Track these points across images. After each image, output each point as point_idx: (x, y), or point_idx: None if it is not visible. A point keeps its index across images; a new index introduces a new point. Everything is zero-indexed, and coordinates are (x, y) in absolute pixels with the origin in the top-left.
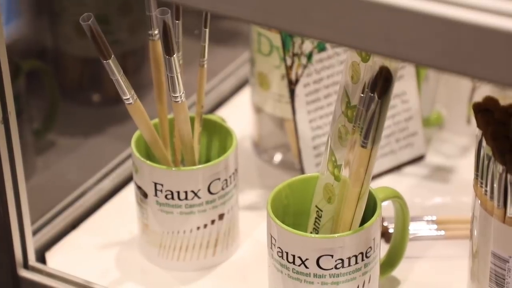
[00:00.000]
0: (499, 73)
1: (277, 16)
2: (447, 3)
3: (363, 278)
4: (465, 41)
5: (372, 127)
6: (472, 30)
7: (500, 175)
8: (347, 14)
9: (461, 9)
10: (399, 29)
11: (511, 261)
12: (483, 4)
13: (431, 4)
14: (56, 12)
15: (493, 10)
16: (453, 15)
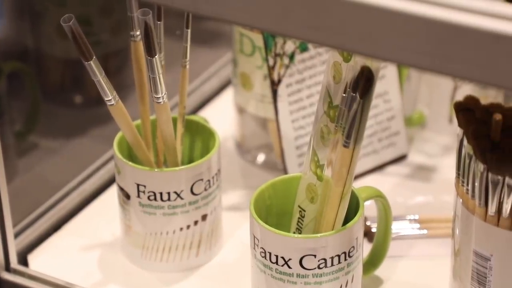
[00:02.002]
0: (480, 72)
1: (259, 16)
2: (428, 3)
3: (346, 277)
4: (446, 41)
5: (354, 127)
6: (453, 30)
7: (481, 174)
8: (329, 14)
9: (442, 9)
10: (381, 29)
11: (492, 259)
12: (463, 4)
13: (412, 4)
14: (38, 13)
15: (474, 10)
16: (434, 15)
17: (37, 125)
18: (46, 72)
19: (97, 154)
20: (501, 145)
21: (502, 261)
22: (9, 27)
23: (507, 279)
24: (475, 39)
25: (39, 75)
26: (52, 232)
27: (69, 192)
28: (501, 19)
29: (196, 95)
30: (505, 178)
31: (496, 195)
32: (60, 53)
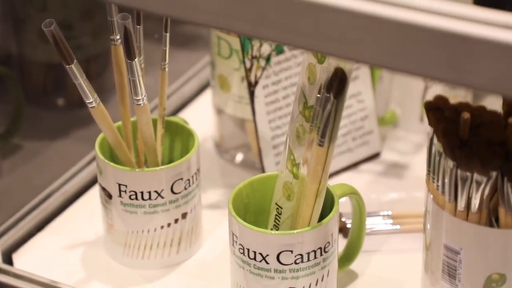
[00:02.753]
0: (449, 73)
1: (236, 20)
2: (398, 7)
3: (322, 272)
4: (416, 43)
5: (328, 126)
6: (422, 32)
7: (451, 170)
8: (303, 18)
9: (412, 12)
10: (353, 32)
11: (462, 253)
12: (432, 7)
13: (383, 7)
14: (20, 19)
15: (442, 12)
16: (404, 18)
17: (21, 127)
18: (29, 76)
19: (79, 155)
20: (469, 143)
21: (471, 255)
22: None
23: (476, 272)
24: (443, 41)
25: (22, 78)
26: (36, 232)
27: (52, 193)
28: (469, 21)
29: (175, 97)
30: (473, 175)
31: (465, 191)
32: (43, 57)
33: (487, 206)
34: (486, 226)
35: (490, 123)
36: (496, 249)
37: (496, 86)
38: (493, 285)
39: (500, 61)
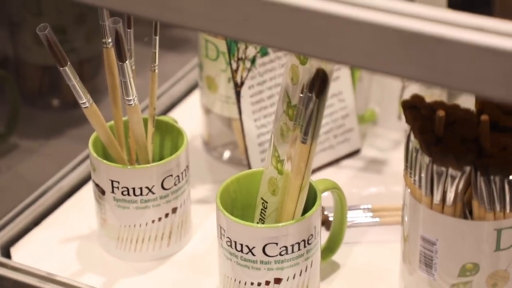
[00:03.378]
0: (424, 73)
1: (222, 24)
2: (376, 10)
3: (306, 263)
4: (394, 45)
5: (311, 125)
6: (399, 35)
7: (427, 165)
8: (286, 21)
9: (389, 15)
10: (334, 34)
11: (438, 244)
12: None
13: (362, 11)
14: (16, 23)
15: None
16: (382, 21)
17: (17, 127)
18: (25, 78)
19: (73, 153)
20: (444, 139)
21: (446, 245)
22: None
23: (451, 261)
24: (419, 43)
25: (18, 80)
26: (33, 227)
27: (48, 189)
28: (443, 24)
29: (165, 97)
30: (448, 170)
31: (440, 185)
32: (38, 60)
33: (461, 199)
34: (460, 218)
35: (463, 121)
36: (470, 240)
37: (469, 86)
38: (467, 273)
39: (472, 61)
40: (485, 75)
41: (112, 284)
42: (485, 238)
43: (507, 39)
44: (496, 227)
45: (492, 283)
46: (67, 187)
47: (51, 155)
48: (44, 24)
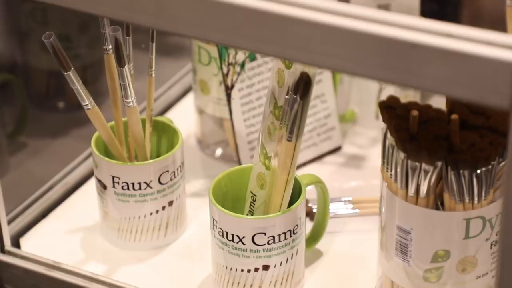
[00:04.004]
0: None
1: (214, 31)
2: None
3: (292, 251)
4: (371, 50)
5: (296, 124)
6: (377, 41)
7: (402, 161)
8: (272, 29)
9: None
10: (316, 41)
11: (412, 233)
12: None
13: (342, 19)
14: (24, 32)
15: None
16: (360, 28)
17: (26, 127)
18: (32, 82)
19: (77, 151)
20: (418, 137)
21: (420, 234)
22: (0, 45)
23: (424, 249)
24: (395, 48)
25: (27, 84)
26: (41, 219)
27: (54, 184)
28: (417, 31)
29: (162, 100)
30: (422, 165)
31: (414, 179)
32: (44, 66)
33: (433, 191)
34: (432, 209)
35: (435, 120)
36: (442, 229)
37: (440, 88)
38: (439, 260)
39: (443, 65)
40: (454, 77)
41: (114, 272)
42: (455, 227)
43: (474, 44)
44: (465, 217)
45: (461, 268)
46: (72, 182)
47: (57, 153)
48: (49, 32)
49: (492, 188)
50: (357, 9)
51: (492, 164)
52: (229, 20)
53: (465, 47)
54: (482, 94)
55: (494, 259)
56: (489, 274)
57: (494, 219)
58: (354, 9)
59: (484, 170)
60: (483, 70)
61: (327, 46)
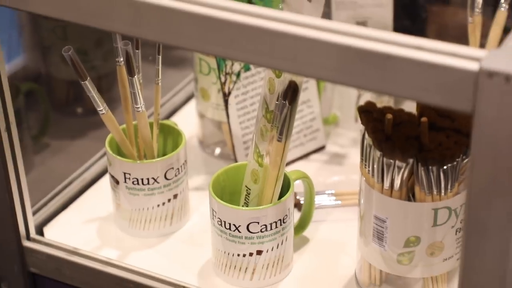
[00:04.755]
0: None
1: (213, 45)
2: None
3: (282, 238)
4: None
5: (285, 126)
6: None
7: (378, 159)
8: (265, 42)
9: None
10: (303, 53)
11: (387, 221)
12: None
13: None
14: (47, 46)
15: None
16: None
17: (48, 130)
18: (54, 91)
19: (93, 151)
20: (392, 137)
21: (394, 222)
22: (26, 58)
23: (398, 235)
24: (372, 59)
25: (49, 93)
26: (61, 210)
27: (73, 180)
28: (390, 44)
29: (167, 105)
30: (395, 162)
31: (389, 174)
32: (64, 76)
33: (406, 185)
34: (405, 201)
35: (407, 122)
36: (413, 217)
37: (411, 94)
38: (411, 245)
39: (414, 74)
40: (424, 85)
41: (125, 257)
42: (425, 216)
43: (441, 56)
44: (433, 207)
45: (430, 252)
46: (88, 178)
47: (76, 153)
48: (68, 46)
49: (457, 182)
50: (338, 25)
51: (457, 161)
52: (226, 35)
53: (433, 58)
54: (448, 100)
55: (459, 244)
56: (454, 257)
57: (458, 209)
58: (335, 25)
59: (450, 166)
60: (449, 78)
61: (312, 57)
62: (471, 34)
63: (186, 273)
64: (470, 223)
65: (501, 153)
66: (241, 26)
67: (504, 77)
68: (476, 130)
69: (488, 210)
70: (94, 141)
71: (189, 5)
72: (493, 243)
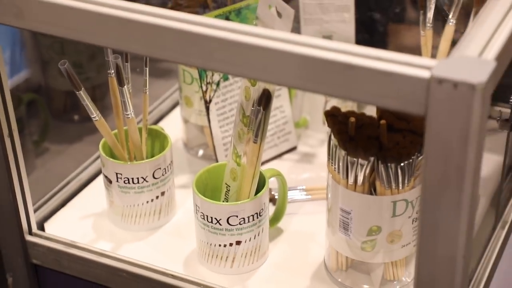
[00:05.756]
0: (340, 91)
1: (195, 57)
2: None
3: (258, 229)
4: (318, 70)
5: (260, 129)
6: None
7: (343, 157)
8: (241, 55)
9: (314, 49)
10: (275, 64)
11: (352, 213)
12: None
13: (293, 46)
14: (46, 61)
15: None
16: (309, 54)
17: (48, 135)
18: (53, 100)
19: (89, 154)
20: (355, 138)
21: (358, 214)
22: (28, 71)
23: (361, 225)
24: (335, 69)
25: (48, 102)
26: (60, 207)
27: (71, 180)
28: (352, 55)
29: (155, 112)
30: (358, 160)
31: (353, 171)
32: (62, 87)
33: (368, 180)
34: (367, 194)
35: (368, 124)
36: (374, 209)
37: (372, 99)
38: (373, 233)
39: (374, 82)
40: (382, 91)
41: (118, 248)
42: (385, 208)
43: (397, 65)
44: (392, 200)
45: (390, 240)
46: (85, 178)
47: (73, 155)
48: (64, 60)
49: (412, 177)
50: (306, 39)
51: (412, 158)
52: (207, 49)
53: (390, 67)
54: (404, 104)
55: (415, 232)
56: (411, 243)
57: (414, 201)
58: (304, 38)
59: (406, 163)
60: (404, 85)
61: (283, 68)
62: (423, 46)
63: (173, 263)
64: (424, 213)
65: (451, 151)
66: (220, 40)
67: (452, 83)
68: (429, 130)
69: (439, 202)
70: (89, 145)
71: (172, 22)
72: (444, 231)
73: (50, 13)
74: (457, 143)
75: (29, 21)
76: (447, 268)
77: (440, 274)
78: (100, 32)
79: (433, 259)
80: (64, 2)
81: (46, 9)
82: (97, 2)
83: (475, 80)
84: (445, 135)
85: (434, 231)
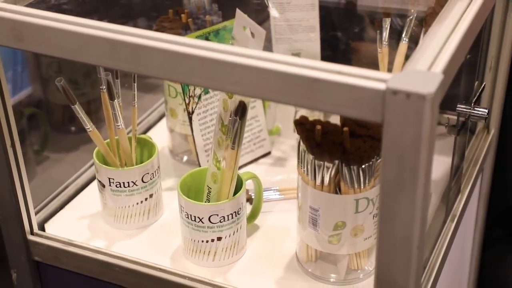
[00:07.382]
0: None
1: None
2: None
3: (237, 226)
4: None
5: (237, 137)
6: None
7: (311, 161)
8: (219, 71)
9: (284, 65)
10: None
11: (320, 210)
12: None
13: (266, 63)
14: (45, 78)
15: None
16: (280, 69)
17: (48, 145)
18: (52, 113)
19: (84, 161)
20: (321, 144)
21: (325, 211)
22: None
23: (328, 221)
24: (303, 83)
25: (48, 115)
26: (59, 209)
27: (68, 185)
28: (318, 70)
29: (143, 123)
30: (324, 163)
31: (320, 173)
32: (60, 101)
33: (333, 181)
34: (333, 193)
35: (333, 131)
36: (339, 207)
37: (335, 109)
38: (339, 228)
39: (336, 93)
40: (344, 101)
41: (112, 246)
42: (348, 205)
43: (356, 79)
44: (355, 198)
45: (354, 234)
46: (81, 183)
47: (70, 163)
48: (59, 77)
49: (373, 178)
50: (277, 56)
51: (372, 161)
52: (188, 66)
53: (350, 80)
54: (363, 113)
55: (375, 226)
56: (372, 236)
57: (374, 199)
58: (275, 56)
59: (367, 165)
60: (363, 96)
61: (258, 82)
62: (380, 62)
63: (161, 257)
64: (383, 209)
65: (405, 154)
66: (200, 58)
67: (405, 94)
68: (385, 136)
69: (396, 199)
70: (85, 153)
71: (157, 43)
72: (401, 224)
73: (47, 36)
74: (410, 147)
75: (28, 44)
76: (404, 257)
77: (397, 262)
78: (92, 52)
79: (391, 249)
80: (60, 26)
81: (44, 32)
82: (89, 26)
83: (425, 91)
84: (400, 140)
85: (392, 225)
